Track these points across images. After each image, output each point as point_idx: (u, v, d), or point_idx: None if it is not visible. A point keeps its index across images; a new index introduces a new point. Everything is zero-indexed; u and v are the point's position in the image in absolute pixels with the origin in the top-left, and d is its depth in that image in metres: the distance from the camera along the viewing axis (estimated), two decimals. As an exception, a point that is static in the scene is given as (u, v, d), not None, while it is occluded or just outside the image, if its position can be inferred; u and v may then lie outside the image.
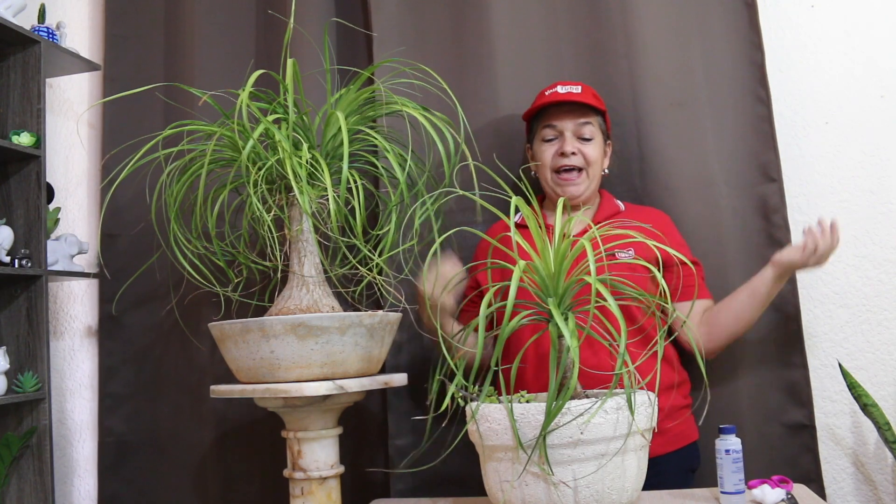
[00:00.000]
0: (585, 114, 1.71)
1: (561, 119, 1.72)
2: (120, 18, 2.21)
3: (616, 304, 1.19)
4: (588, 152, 1.70)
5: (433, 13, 2.02)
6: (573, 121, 1.71)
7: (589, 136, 1.71)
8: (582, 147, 1.70)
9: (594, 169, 1.71)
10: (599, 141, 1.73)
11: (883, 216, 1.92)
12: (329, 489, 1.54)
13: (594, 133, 1.72)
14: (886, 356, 1.89)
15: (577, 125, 1.71)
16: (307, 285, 1.56)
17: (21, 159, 1.96)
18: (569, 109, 1.72)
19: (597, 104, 1.72)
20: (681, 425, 1.66)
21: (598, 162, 1.72)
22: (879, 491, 1.87)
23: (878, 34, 1.96)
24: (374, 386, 1.54)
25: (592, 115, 1.73)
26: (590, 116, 1.72)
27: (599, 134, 1.73)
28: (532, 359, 1.63)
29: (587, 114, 1.72)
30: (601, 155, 1.74)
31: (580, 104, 1.71)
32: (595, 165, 1.71)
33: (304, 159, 1.46)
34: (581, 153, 1.70)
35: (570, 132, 1.71)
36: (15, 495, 1.90)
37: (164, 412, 2.10)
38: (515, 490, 1.22)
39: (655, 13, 1.93)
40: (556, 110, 1.73)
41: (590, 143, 1.71)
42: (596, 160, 1.71)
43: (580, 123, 1.70)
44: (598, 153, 1.72)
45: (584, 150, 1.70)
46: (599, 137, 1.73)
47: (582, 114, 1.71)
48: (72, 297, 2.25)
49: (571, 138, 1.70)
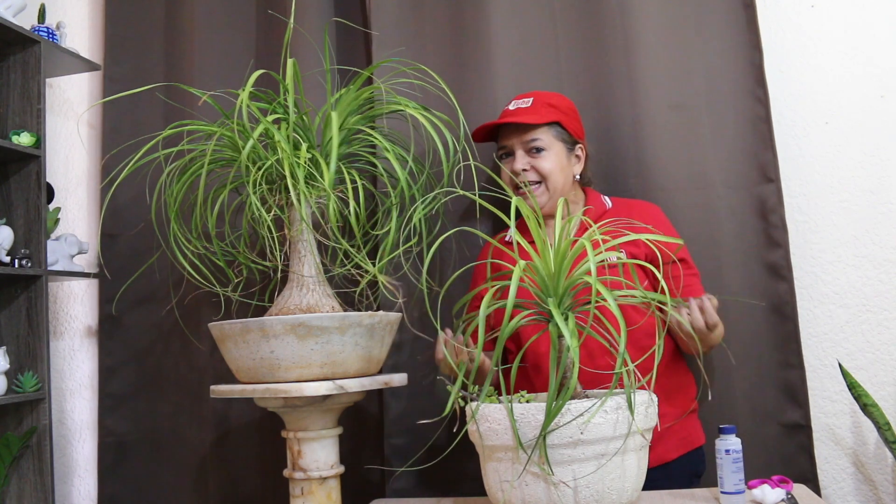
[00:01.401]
0: (530, 130, 1.69)
1: (509, 138, 1.71)
2: (120, 18, 2.21)
3: (616, 304, 1.19)
4: (541, 165, 1.68)
5: (433, 13, 2.02)
6: (519, 138, 1.69)
7: (540, 148, 1.68)
8: (533, 161, 1.68)
9: (553, 179, 1.68)
10: (557, 150, 1.69)
11: (883, 216, 1.92)
12: (329, 489, 1.54)
13: (548, 144, 1.68)
14: (886, 356, 1.89)
15: (523, 142, 1.69)
16: (307, 285, 1.56)
17: (21, 159, 1.96)
18: (515, 127, 1.70)
19: (542, 118, 1.68)
20: (688, 429, 1.66)
21: (556, 171, 1.68)
22: (879, 491, 1.88)
23: (878, 34, 1.96)
24: (374, 386, 1.54)
25: (541, 128, 1.69)
26: (537, 131, 1.69)
27: (557, 143, 1.69)
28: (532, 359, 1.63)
29: (533, 129, 1.69)
30: (559, 164, 1.69)
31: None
32: (553, 176, 1.68)
33: (303, 159, 1.46)
34: (533, 168, 1.68)
35: (520, 149, 1.69)
36: (15, 495, 1.90)
37: (164, 412, 2.10)
38: (515, 490, 1.22)
39: (654, 14, 1.93)
40: (505, 129, 1.72)
41: (542, 154, 1.68)
42: (551, 171, 1.68)
43: (526, 141, 1.69)
44: (552, 164, 1.68)
45: (535, 165, 1.68)
46: (558, 146, 1.69)
47: (527, 130, 1.69)
48: (72, 297, 2.25)
49: (522, 155, 1.69)
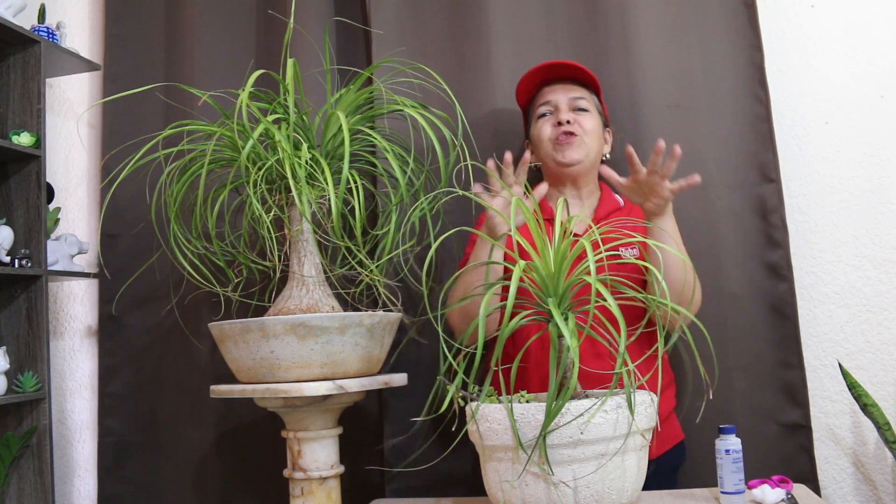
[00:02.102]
0: (578, 88, 1.73)
1: (555, 94, 1.73)
2: (120, 18, 2.21)
3: (616, 303, 1.19)
4: (584, 122, 1.70)
5: (433, 13, 2.02)
6: (566, 94, 1.72)
7: (584, 108, 1.72)
8: (577, 117, 1.70)
9: (591, 139, 1.70)
10: (596, 116, 1.73)
11: (883, 216, 1.92)
12: (329, 489, 1.54)
13: (589, 107, 1.72)
14: (886, 356, 1.89)
15: (570, 98, 1.72)
16: (307, 285, 1.56)
17: (21, 159, 1.96)
18: (562, 85, 1.74)
19: (590, 78, 1.73)
20: (670, 427, 1.67)
21: (594, 134, 1.71)
22: (879, 491, 1.88)
23: (878, 34, 1.96)
24: (374, 386, 1.54)
25: (586, 91, 1.74)
26: (583, 91, 1.74)
27: (596, 113, 1.74)
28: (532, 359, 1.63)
29: (579, 88, 1.74)
30: (598, 129, 1.73)
31: (572, 79, 1.73)
32: (591, 136, 1.70)
33: (303, 159, 1.46)
34: (577, 122, 1.70)
35: (565, 104, 1.72)
36: (15, 495, 1.90)
37: (164, 412, 2.10)
38: (515, 490, 1.22)
39: (654, 13, 1.93)
40: (549, 89, 1.75)
41: (586, 113, 1.71)
42: (592, 130, 1.70)
43: (574, 97, 1.72)
44: (594, 125, 1.71)
45: (579, 119, 1.70)
46: (596, 114, 1.74)
47: (574, 88, 1.73)
48: (72, 297, 2.25)
49: (566, 109, 1.71)
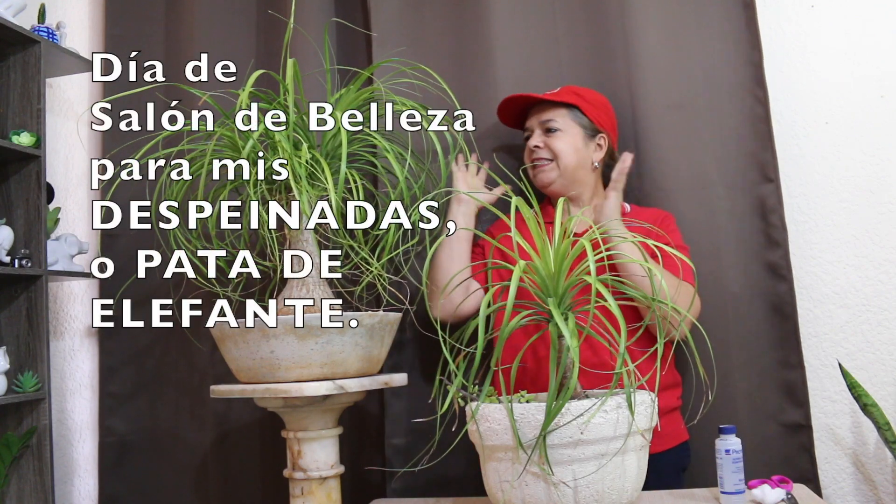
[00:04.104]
0: (546, 110, 1.77)
1: (530, 119, 1.81)
2: (120, 18, 2.21)
3: (616, 304, 1.20)
4: (553, 144, 1.75)
5: (433, 13, 2.02)
6: (537, 117, 1.78)
7: (555, 129, 1.75)
8: (547, 140, 1.76)
9: (564, 159, 1.74)
10: (574, 133, 1.75)
11: (883, 216, 1.92)
12: (329, 489, 1.54)
13: (563, 126, 1.75)
14: (886, 356, 1.89)
15: (540, 122, 1.77)
16: (307, 285, 1.56)
17: (21, 159, 1.96)
18: (536, 109, 1.80)
19: (559, 97, 1.76)
20: (673, 425, 1.68)
21: (569, 152, 1.74)
22: (879, 491, 1.88)
23: (877, 34, 1.96)
24: (374, 386, 1.54)
25: (558, 109, 1.76)
26: (553, 112, 1.76)
27: (574, 126, 1.76)
28: (532, 359, 1.63)
29: (548, 109, 1.77)
30: (573, 146, 1.75)
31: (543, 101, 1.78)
32: (565, 155, 1.74)
33: (304, 159, 1.46)
34: (546, 146, 1.75)
35: (537, 128, 1.78)
36: (15, 495, 1.90)
37: (164, 412, 2.10)
38: (515, 490, 1.22)
39: (654, 14, 1.93)
40: (530, 112, 1.82)
41: (556, 134, 1.75)
42: (563, 151, 1.74)
43: (543, 121, 1.77)
44: (565, 145, 1.74)
45: (548, 143, 1.75)
46: (575, 130, 1.76)
47: (544, 110, 1.78)
48: (72, 297, 2.25)
49: (538, 133, 1.78)
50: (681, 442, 1.70)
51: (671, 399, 1.69)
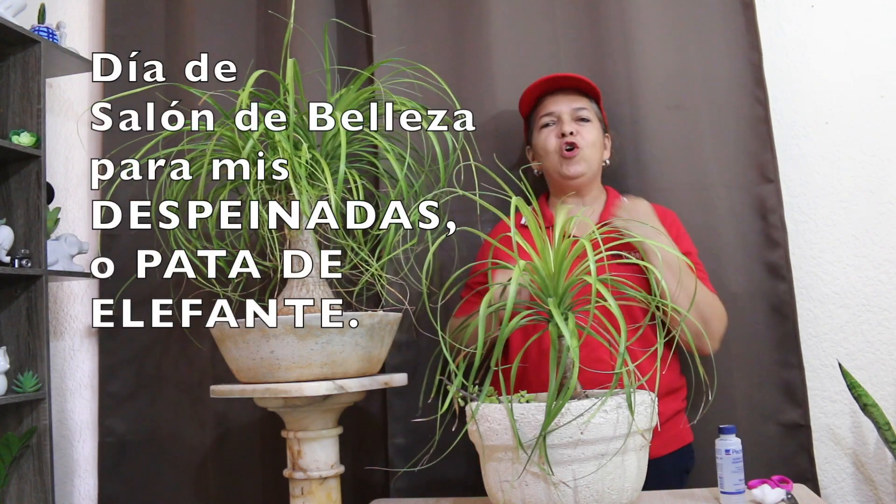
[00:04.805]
0: (579, 98, 1.75)
1: (558, 104, 1.75)
2: (120, 18, 2.21)
3: (616, 304, 1.19)
4: (585, 133, 1.72)
5: (433, 13, 2.02)
6: (569, 104, 1.74)
7: (586, 118, 1.73)
8: (580, 127, 1.73)
9: (591, 151, 1.72)
10: (597, 126, 1.76)
11: (883, 216, 1.92)
12: (329, 489, 1.54)
13: (591, 116, 1.74)
14: (886, 356, 1.89)
15: (573, 109, 1.74)
16: (307, 285, 1.56)
17: (21, 159, 1.96)
18: (564, 95, 1.75)
19: (591, 88, 1.75)
20: (677, 428, 1.67)
21: (595, 145, 1.73)
22: (879, 491, 1.88)
23: (877, 34, 1.96)
24: (374, 386, 1.54)
25: (587, 100, 1.76)
26: (584, 101, 1.75)
27: (597, 120, 1.76)
28: (532, 359, 1.63)
29: (581, 98, 1.75)
30: (599, 139, 1.75)
31: (574, 88, 1.75)
32: (592, 148, 1.72)
33: (304, 159, 1.46)
34: (579, 133, 1.72)
35: (568, 115, 1.73)
36: (15, 495, 1.90)
37: (164, 412, 2.10)
38: (515, 490, 1.22)
39: (653, 14, 1.93)
40: (552, 99, 1.76)
41: (587, 124, 1.73)
42: (592, 142, 1.72)
43: (576, 108, 1.74)
44: (594, 136, 1.74)
45: (581, 131, 1.72)
46: (597, 123, 1.76)
47: (576, 97, 1.75)
48: (72, 297, 2.25)
49: (569, 120, 1.73)
50: (684, 445, 1.69)
51: (676, 401, 1.68)
